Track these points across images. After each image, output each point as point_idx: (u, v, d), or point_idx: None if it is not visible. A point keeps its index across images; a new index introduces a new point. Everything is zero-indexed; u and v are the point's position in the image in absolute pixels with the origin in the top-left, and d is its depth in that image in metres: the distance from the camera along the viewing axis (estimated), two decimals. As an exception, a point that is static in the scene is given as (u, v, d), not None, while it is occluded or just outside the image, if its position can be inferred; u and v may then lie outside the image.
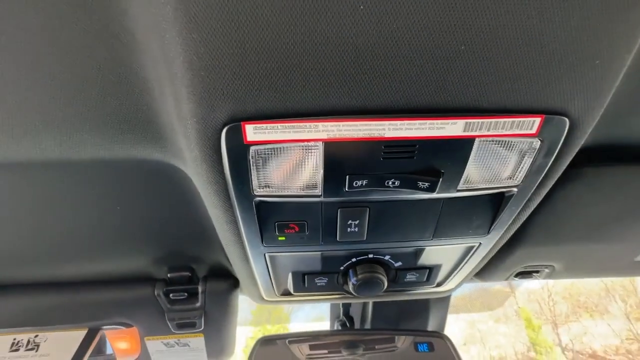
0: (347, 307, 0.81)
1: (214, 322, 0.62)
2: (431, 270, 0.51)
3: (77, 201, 0.46)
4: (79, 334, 0.57)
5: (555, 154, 0.34)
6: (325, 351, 0.74)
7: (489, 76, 0.28)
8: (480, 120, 0.30)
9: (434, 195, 0.37)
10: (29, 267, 0.55)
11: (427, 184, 0.34)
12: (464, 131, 0.31)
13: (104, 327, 0.60)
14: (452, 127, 0.31)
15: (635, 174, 0.45)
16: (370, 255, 0.48)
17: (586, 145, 0.41)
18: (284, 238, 0.41)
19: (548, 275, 0.61)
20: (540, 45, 0.26)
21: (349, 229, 0.41)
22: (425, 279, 0.52)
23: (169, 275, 0.58)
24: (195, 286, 0.58)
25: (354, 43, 0.25)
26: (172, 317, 0.59)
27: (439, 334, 0.69)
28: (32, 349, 0.55)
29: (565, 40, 0.26)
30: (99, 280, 0.57)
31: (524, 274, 0.61)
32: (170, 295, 0.58)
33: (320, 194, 0.36)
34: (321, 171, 0.33)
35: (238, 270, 0.52)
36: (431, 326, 0.77)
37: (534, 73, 0.28)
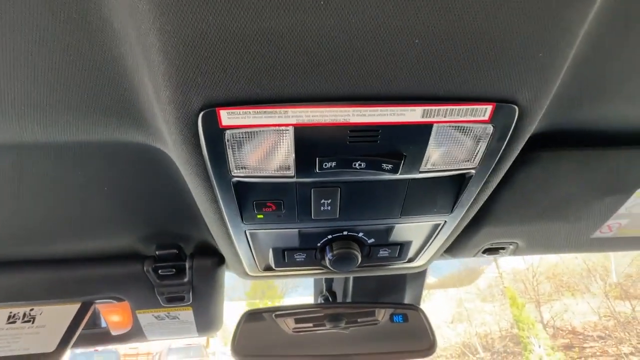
0: (329, 282, 0.85)
1: (202, 297, 0.66)
2: (402, 246, 0.55)
3: (68, 181, 0.48)
4: (73, 308, 0.61)
5: (507, 138, 0.37)
6: (310, 324, 0.79)
7: (443, 68, 0.30)
8: (437, 107, 0.33)
9: (398, 176, 0.40)
10: (23, 245, 0.57)
11: (390, 165, 0.37)
12: (423, 117, 0.34)
13: (97, 301, 0.63)
14: (411, 114, 0.34)
15: (586, 157, 0.49)
16: (345, 232, 0.51)
17: (543, 130, 0.45)
18: (262, 216, 0.44)
19: (513, 251, 0.65)
20: (488, 41, 0.29)
21: (322, 208, 0.44)
22: (397, 254, 0.56)
23: (157, 252, 0.61)
24: (183, 262, 0.62)
25: (316, 36, 0.27)
26: (162, 292, 0.63)
27: (413, 307, 0.74)
28: (28, 321, 0.59)
29: (510, 36, 0.29)
30: (91, 258, 0.60)
31: (491, 251, 0.66)
32: (159, 271, 0.61)
33: (293, 174, 0.39)
34: (293, 154, 0.36)
35: (222, 247, 0.56)
36: (407, 300, 0.83)
37: (484, 65, 0.31)
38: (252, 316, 0.75)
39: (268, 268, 0.60)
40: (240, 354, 0.70)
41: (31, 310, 0.60)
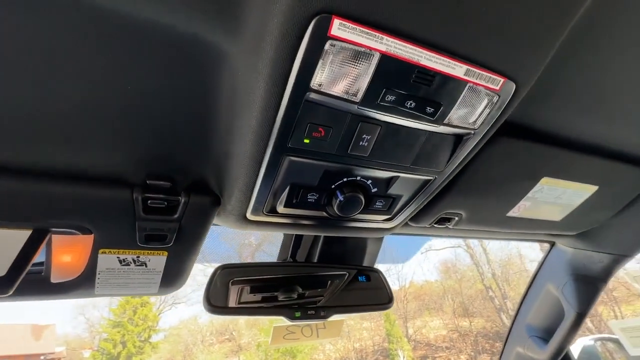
0: (294, 250, 0.88)
1: (184, 240, 0.61)
2: (394, 200, 0.65)
3: (81, 62, 0.42)
4: (20, 235, 0.48)
5: (502, 109, 0.52)
6: (259, 298, 0.79)
7: (488, 39, 0.43)
8: (474, 69, 0.45)
9: (425, 125, 0.50)
10: None
11: (432, 109, 0.47)
12: (464, 75, 0.45)
13: (55, 229, 0.51)
14: (459, 69, 0.45)
15: (517, 147, 0.68)
16: (358, 178, 0.58)
17: (509, 120, 0.62)
18: (308, 141, 0.48)
19: (457, 222, 0.83)
20: (516, 27, 0.42)
21: (360, 142, 0.50)
22: (387, 208, 0.66)
23: (147, 182, 0.55)
24: (176, 197, 0.57)
25: None
26: (144, 227, 0.56)
27: (374, 269, 0.84)
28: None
29: (528, 31, 0.43)
30: (63, 174, 0.50)
31: (442, 221, 0.82)
32: (149, 201, 0.55)
33: (358, 100, 0.44)
34: (368, 79, 0.42)
35: (235, 178, 0.55)
36: (366, 264, 0.92)
37: (509, 46, 0.44)
38: (225, 271, 0.72)
39: (271, 210, 0.61)
40: (212, 306, 0.67)
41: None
